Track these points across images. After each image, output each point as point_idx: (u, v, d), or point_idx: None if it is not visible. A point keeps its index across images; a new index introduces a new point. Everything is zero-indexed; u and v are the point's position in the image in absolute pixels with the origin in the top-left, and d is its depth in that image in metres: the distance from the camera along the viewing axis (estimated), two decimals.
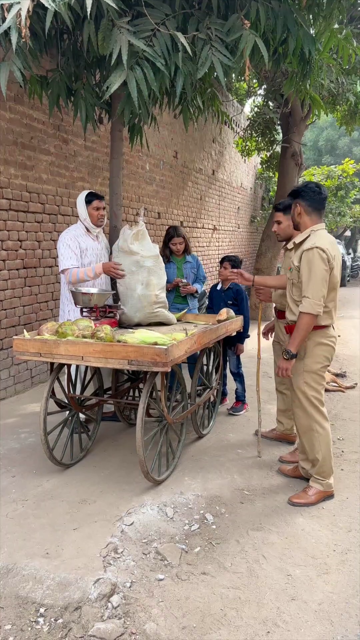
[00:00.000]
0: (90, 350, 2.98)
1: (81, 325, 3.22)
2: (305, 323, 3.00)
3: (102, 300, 3.66)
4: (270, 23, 3.55)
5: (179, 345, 3.03)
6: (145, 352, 2.86)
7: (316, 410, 3.17)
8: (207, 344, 3.63)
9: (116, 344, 2.97)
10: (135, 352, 2.89)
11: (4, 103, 4.56)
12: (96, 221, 4.01)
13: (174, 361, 2.95)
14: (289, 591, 2.43)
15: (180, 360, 3.10)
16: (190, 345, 3.25)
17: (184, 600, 2.35)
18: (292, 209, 3.21)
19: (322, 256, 2.96)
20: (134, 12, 3.57)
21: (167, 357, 2.83)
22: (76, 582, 2.39)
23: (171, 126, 8.41)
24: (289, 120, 9.43)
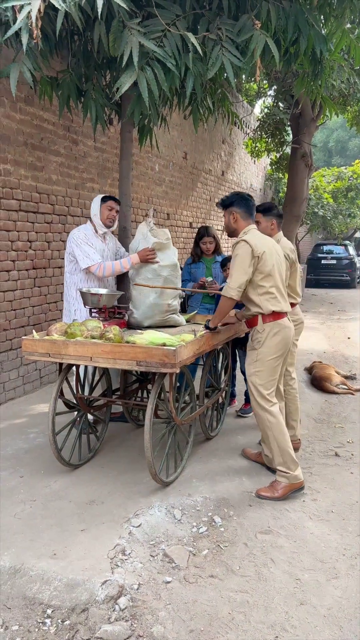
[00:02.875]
0: (99, 351, 2.98)
1: (90, 326, 3.22)
2: (224, 305, 3.26)
3: (112, 300, 3.66)
4: (281, 23, 3.53)
5: (187, 346, 3.02)
6: (153, 354, 2.86)
7: (265, 401, 3.28)
8: (216, 345, 3.60)
9: (125, 344, 2.97)
10: (143, 353, 2.88)
11: (15, 104, 4.58)
12: (105, 220, 3.99)
13: (182, 362, 2.94)
14: (298, 596, 2.41)
15: (189, 361, 3.09)
16: (199, 346, 3.22)
17: (191, 604, 2.34)
18: (227, 217, 3.37)
19: (244, 247, 3.16)
20: (145, 13, 3.57)
21: (175, 358, 2.82)
22: (83, 584, 2.38)
23: (181, 127, 8.40)
24: (299, 121, 9.41)
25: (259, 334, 3.27)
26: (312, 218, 16.29)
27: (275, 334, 3.25)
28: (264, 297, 3.22)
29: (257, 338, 3.27)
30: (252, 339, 3.32)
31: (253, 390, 3.31)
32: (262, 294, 3.22)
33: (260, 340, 3.26)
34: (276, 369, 3.31)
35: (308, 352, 7.24)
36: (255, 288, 3.21)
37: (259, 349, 3.26)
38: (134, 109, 3.68)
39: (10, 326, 4.79)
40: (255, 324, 3.29)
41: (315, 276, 17.35)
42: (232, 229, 3.37)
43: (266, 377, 3.27)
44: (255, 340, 3.29)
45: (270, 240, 3.36)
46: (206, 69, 3.43)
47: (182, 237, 9.00)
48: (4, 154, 4.51)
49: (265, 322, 3.24)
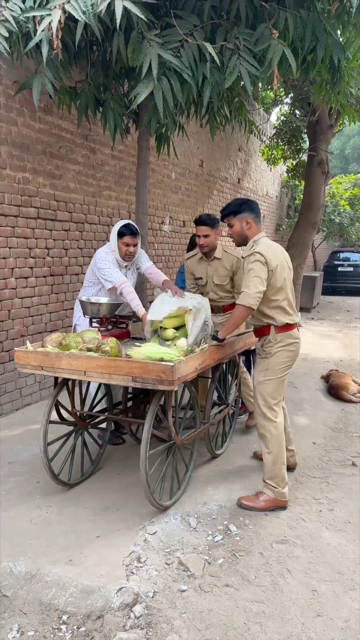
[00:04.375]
0: (93, 365, 2.80)
1: (87, 337, 3.06)
2: (240, 314, 3.11)
3: (112, 310, 3.48)
4: (299, 32, 3.54)
5: (187, 361, 2.82)
6: (150, 369, 2.66)
7: (270, 411, 3.23)
8: (222, 358, 3.40)
9: (120, 359, 2.79)
10: (139, 369, 2.69)
11: (34, 114, 4.65)
12: (123, 256, 3.80)
13: (182, 379, 2.75)
14: (315, 607, 2.38)
15: (190, 377, 2.90)
16: (201, 361, 3.03)
17: (206, 613, 2.33)
18: (239, 225, 3.25)
19: (259, 259, 3.09)
20: (163, 23, 3.61)
21: (173, 374, 2.61)
22: (99, 590, 2.39)
23: (197, 135, 8.44)
24: (315, 128, 9.39)
25: (270, 343, 3.22)
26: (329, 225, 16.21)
27: (287, 345, 3.22)
28: (275, 311, 3.19)
29: (268, 348, 3.23)
30: (262, 348, 3.28)
31: (259, 399, 3.25)
32: (274, 307, 3.18)
33: (271, 350, 3.22)
34: (284, 380, 3.27)
35: (324, 360, 7.19)
36: (267, 302, 3.17)
37: (270, 358, 3.22)
38: (151, 118, 3.72)
39: (27, 332, 4.84)
40: (266, 333, 3.24)
41: (331, 283, 17.22)
42: (245, 236, 3.26)
43: (274, 386, 3.23)
44: (267, 350, 3.24)
45: (279, 249, 3.28)
46: (223, 78, 3.45)
47: None
48: (23, 163, 4.58)
49: (278, 333, 3.21)
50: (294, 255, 9.65)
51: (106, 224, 6.00)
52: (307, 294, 12.09)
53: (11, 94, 4.32)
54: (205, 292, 4.18)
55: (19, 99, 4.42)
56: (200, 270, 4.14)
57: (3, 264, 4.45)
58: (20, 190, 4.56)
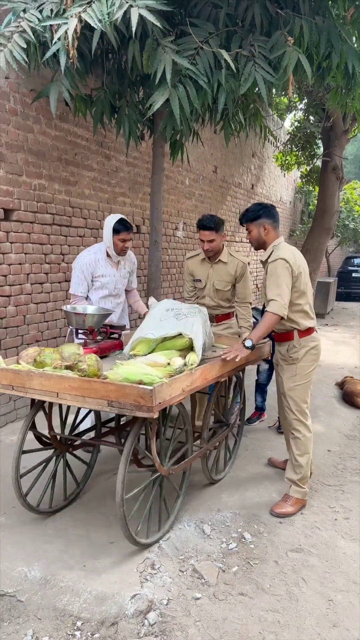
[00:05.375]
0: (66, 386, 2.47)
1: (66, 353, 2.72)
2: (271, 322, 3.06)
3: (100, 320, 3.19)
4: (314, 39, 3.54)
5: (172, 384, 2.48)
6: (127, 393, 2.33)
7: (303, 414, 3.28)
8: (217, 377, 3.03)
9: (95, 380, 2.44)
10: (115, 392, 2.36)
11: (50, 121, 4.70)
12: (119, 251, 3.76)
13: (163, 404, 2.41)
14: (331, 617, 2.35)
15: (175, 401, 2.55)
16: (189, 382, 2.67)
17: (221, 621, 2.31)
18: (257, 230, 3.25)
19: (285, 266, 3.09)
20: (178, 31, 3.64)
21: (152, 400, 2.29)
22: (113, 597, 2.38)
23: (211, 141, 8.47)
24: (330, 133, 9.36)
25: (295, 348, 3.23)
26: (343, 231, 16.12)
27: (311, 348, 3.25)
28: (299, 315, 3.20)
29: (295, 353, 3.24)
30: (288, 354, 3.26)
31: (292, 404, 3.27)
32: (298, 311, 3.20)
33: (297, 355, 3.23)
34: (311, 382, 3.32)
35: (339, 367, 7.13)
36: (291, 306, 3.17)
37: (298, 363, 3.24)
38: (166, 125, 3.74)
39: (42, 337, 4.87)
40: (290, 338, 3.24)
41: (345, 289, 17.11)
42: (262, 241, 3.29)
43: (304, 390, 3.27)
44: (293, 356, 3.24)
45: (299, 253, 3.30)
46: (238, 85, 3.46)
47: None
48: (39, 170, 4.63)
49: (302, 337, 3.23)
50: (308, 260, 9.58)
51: None
52: (321, 299, 12.03)
53: (28, 102, 4.37)
54: (202, 296, 3.97)
55: (35, 107, 4.47)
56: (201, 272, 3.91)
57: (19, 270, 4.49)
58: (36, 197, 4.61)
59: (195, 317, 3.05)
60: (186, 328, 2.96)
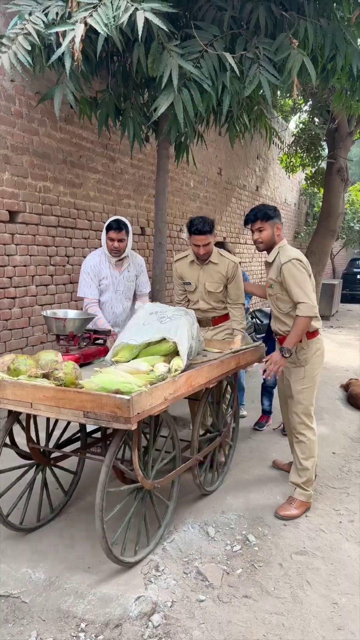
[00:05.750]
0: (40, 396, 2.34)
1: (44, 360, 2.59)
2: (304, 325, 3.07)
3: (82, 325, 3.05)
4: (319, 41, 3.54)
5: (152, 392, 2.34)
6: (103, 403, 2.20)
7: (309, 418, 3.29)
8: (205, 383, 2.89)
9: (70, 389, 2.30)
10: (91, 402, 2.23)
11: (55, 123, 4.72)
12: (109, 250, 3.70)
13: (143, 415, 2.28)
14: (335, 620, 2.35)
15: (156, 411, 2.40)
16: (172, 389, 2.54)
17: (225, 624, 2.31)
18: (270, 230, 3.23)
19: (302, 265, 3.12)
20: (182, 34, 3.65)
21: (129, 411, 2.16)
22: (117, 599, 2.38)
23: (216, 143, 8.47)
24: (334, 135, 9.34)
25: (303, 350, 3.22)
26: (348, 232, 16.10)
27: (318, 349, 3.26)
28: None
29: (303, 355, 3.23)
30: (296, 356, 3.23)
31: (299, 408, 3.26)
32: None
33: (306, 357, 3.23)
34: (317, 384, 3.32)
35: (344, 369, 7.11)
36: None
37: (306, 365, 3.24)
38: (170, 127, 3.74)
39: (47, 339, 4.88)
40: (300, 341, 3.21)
41: (350, 291, 17.07)
42: (273, 242, 3.25)
43: (311, 392, 3.28)
44: (301, 358, 3.23)
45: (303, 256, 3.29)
46: (243, 87, 3.47)
47: None
48: (44, 172, 4.64)
49: (310, 339, 3.23)
50: (313, 262, 9.59)
51: None
52: (325, 301, 12.01)
53: (33, 104, 4.39)
54: (194, 300, 3.79)
55: (40, 109, 4.49)
56: (191, 274, 3.72)
57: (24, 272, 4.51)
58: (41, 199, 4.62)
59: (180, 320, 2.89)
60: (170, 332, 2.80)
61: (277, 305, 3.29)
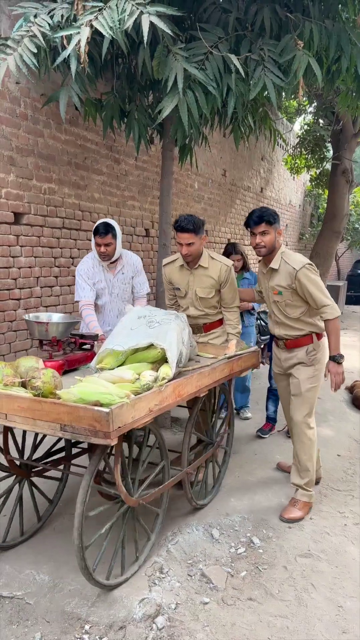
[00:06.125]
0: (15, 407, 2.19)
1: (24, 367, 2.45)
2: (337, 327, 3.10)
3: (65, 330, 2.91)
4: (324, 42, 3.54)
5: (135, 404, 2.19)
6: (81, 415, 2.05)
7: (311, 418, 3.31)
8: (195, 393, 2.73)
9: (47, 400, 2.15)
10: (68, 414, 2.08)
11: (60, 125, 4.73)
12: (98, 255, 3.62)
13: (124, 429, 2.12)
14: (340, 624, 2.34)
15: (140, 424, 2.26)
16: (158, 400, 2.38)
17: (229, 626, 2.30)
18: (272, 235, 3.14)
19: (315, 269, 3.13)
20: (187, 35, 3.65)
21: (109, 425, 2.01)
22: (121, 601, 2.38)
23: (220, 145, 8.47)
24: (339, 137, 9.34)
25: (314, 351, 3.25)
26: (353, 234, 16.06)
27: (324, 349, 3.29)
28: (317, 318, 3.24)
29: (313, 355, 3.26)
30: (307, 356, 3.25)
31: (306, 407, 3.27)
32: (317, 314, 3.22)
33: (317, 357, 3.26)
34: (320, 386, 3.34)
35: (349, 371, 7.07)
36: (311, 309, 3.19)
37: (316, 365, 3.27)
38: (176, 129, 3.74)
39: None
40: (309, 341, 3.26)
41: (355, 293, 17.03)
42: (274, 247, 3.19)
43: (316, 392, 3.31)
44: (312, 358, 3.25)
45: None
46: (248, 89, 3.46)
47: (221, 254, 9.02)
48: (49, 174, 4.65)
49: (319, 340, 3.27)
50: (318, 264, 9.58)
51: (129, 234, 6.05)
52: None
53: (38, 106, 4.40)
54: (184, 306, 3.59)
55: (45, 111, 4.50)
56: (181, 280, 3.52)
57: (29, 273, 4.52)
58: (46, 201, 4.63)
59: (169, 325, 2.71)
60: (159, 337, 2.61)
61: (284, 311, 3.23)
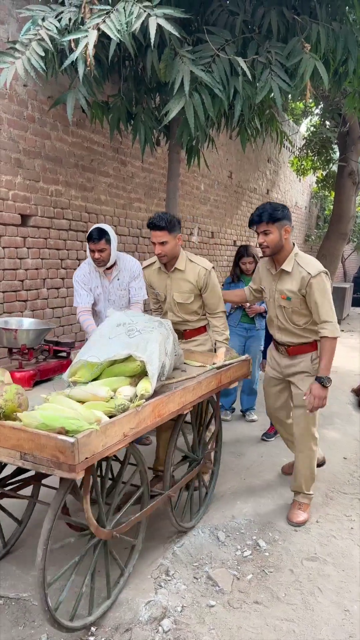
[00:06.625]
0: None
1: None
2: (333, 347, 2.91)
3: (37, 337, 2.72)
4: (331, 45, 3.54)
5: (106, 430, 1.93)
6: (43, 444, 1.79)
7: (315, 427, 3.22)
8: (177, 411, 2.47)
9: (5, 424, 1.88)
10: (29, 442, 1.82)
11: (67, 128, 4.75)
12: (93, 261, 3.54)
13: (92, 459, 1.87)
14: (347, 627, 2.33)
15: (112, 452, 2.01)
16: (135, 423, 2.12)
17: (235, 630, 2.30)
18: (277, 233, 2.93)
19: (329, 279, 2.95)
20: (194, 38, 3.65)
21: (74, 457, 1.75)
22: (127, 603, 2.38)
23: (226, 147, 8.47)
24: (346, 138, 9.32)
25: (318, 359, 3.07)
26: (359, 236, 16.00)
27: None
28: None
29: (316, 363, 3.11)
30: (312, 365, 3.13)
31: (311, 417, 3.17)
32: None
33: (317, 365, 3.10)
34: None
35: (355, 374, 7.07)
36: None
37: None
38: (182, 131, 3.75)
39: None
40: (312, 349, 3.11)
41: None
42: (281, 246, 2.96)
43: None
44: (316, 367, 3.10)
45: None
46: (254, 92, 3.46)
47: (226, 256, 9.01)
48: (56, 176, 4.67)
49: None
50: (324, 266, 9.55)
51: (136, 236, 6.06)
52: (336, 305, 11.83)
53: (45, 109, 4.42)
54: (164, 311, 3.43)
55: (52, 114, 4.52)
56: (159, 283, 3.35)
57: (36, 275, 4.53)
58: (52, 203, 4.65)
59: (151, 334, 2.45)
60: (139, 348, 2.35)
61: (291, 318, 3.07)
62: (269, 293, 3.18)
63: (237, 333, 4.86)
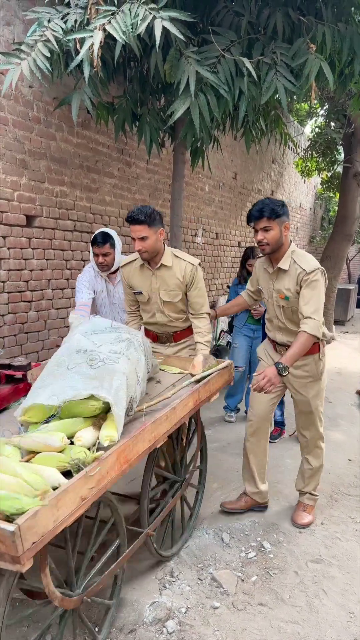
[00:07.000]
0: None
1: None
2: (307, 343, 2.73)
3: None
4: (336, 45, 3.53)
5: (58, 501, 1.56)
6: None
7: (322, 426, 3.23)
8: (150, 448, 2.11)
9: None
10: None
11: (72, 128, 4.76)
12: (97, 265, 3.49)
13: (43, 541, 1.51)
14: (352, 630, 2.32)
15: (67, 524, 1.62)
16: (95, 482, 1.73)
17: (240, 631, 2.29)
18: (277, 230, 2.83)
19: (322, 276, 2.82)
20: (199, 39, 3.66)
21: (16, 547, 1.40)
22: (131, 604, 2.38)
23: (231, 148, 8.47)
24: (351, 139, 9.30)
25: (321, 361, 3.06)
26: None
27: (325, 361, 3.14)
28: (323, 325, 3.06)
29: (321, 367, 3.08)
30: (316, 368, 3.08)
31: (317, 420, 3.17)
32: (323, 322, 2.98)
33: (322, 369, 3.09)
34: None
35: (358, 375, 7.05)
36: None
37: (322, 376, 3.11)
38: (187, 132, 3.75)
39: (61, 342, 4.91)
40: (316, 350, 3.03)
41: None
42: (280, 244, 2.86)
43: (323, 400, 3.22)
44: (320, 370, 3.08)
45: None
46: (260, 93, 3.46)
47: (231, 257, 9.01)
48: (61, 177, 4.68)
49: (324, 347, 3.09)
50: (329, 267, 9.54)
51: None
52: (341, 307, 11.92)
53: (51, 110, 4.43)
54: (150, 313, 3.13)
55: (57, 115, 4.53)
56: (142, 282, 3.06)
57: (40, 275, 4.54)
58: (57, 204, 4.66)
59: (116, 364, 2.07)
60: (103, 384, 1.96)
61: (291, 318, 2.97)
62: (267, 293, 3.09)
63: (243, 334, 4.87)
